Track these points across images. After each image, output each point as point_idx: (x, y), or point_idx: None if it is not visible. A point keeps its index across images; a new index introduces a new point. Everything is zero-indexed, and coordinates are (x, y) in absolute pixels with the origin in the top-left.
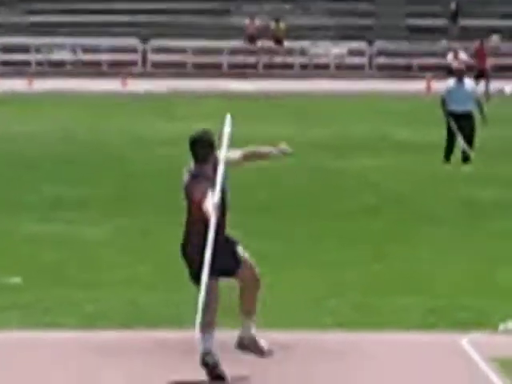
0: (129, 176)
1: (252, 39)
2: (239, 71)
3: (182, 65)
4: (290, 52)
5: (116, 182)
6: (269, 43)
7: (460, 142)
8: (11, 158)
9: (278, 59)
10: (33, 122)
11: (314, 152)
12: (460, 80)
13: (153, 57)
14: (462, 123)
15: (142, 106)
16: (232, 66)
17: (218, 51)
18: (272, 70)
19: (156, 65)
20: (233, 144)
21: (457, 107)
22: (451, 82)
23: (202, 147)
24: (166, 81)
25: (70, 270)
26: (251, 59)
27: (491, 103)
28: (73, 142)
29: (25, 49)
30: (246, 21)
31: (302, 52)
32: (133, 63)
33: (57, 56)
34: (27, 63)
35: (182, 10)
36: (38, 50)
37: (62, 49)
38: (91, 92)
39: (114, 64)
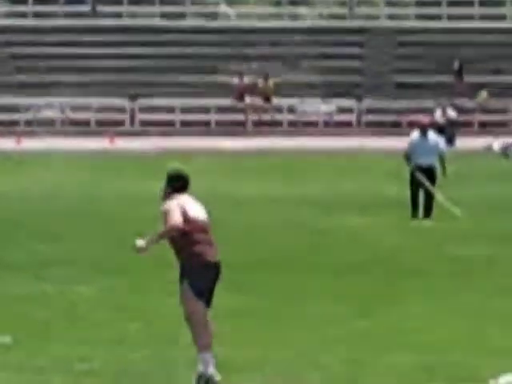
0: (117, 233)
1: (241, 97)
2: (228, 129)
3: (170, 123)
4: (278, 109)
5: (104, 240)
6: (257, 100)
7: (437, 196)
8: (0, 217)
9: (267, 117)
10: (21, 181)
11: (302, 209)
12: (424, 134)
13: (141, 115)
14: (425, 177)
15: (130, 164)
16: (220, 124)
17: (205, 109)
18: (261, 128)
19: (144, 123)
20: (221, 202)
21: (422, 161)
22: (415, 135)
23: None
24: (155, 139)
25: (60, 329)
26: (240, 117)
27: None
28: (61, 200)
29: (13, 108)
30: (235, 79)
31: (291, 109)
32: (121, 122)
33: (45, 115)
34: (15, 122)
35: (170, 68)
36: (26, 109)
37: (51, 108)
38: (80, 151)
39: (102, 123)
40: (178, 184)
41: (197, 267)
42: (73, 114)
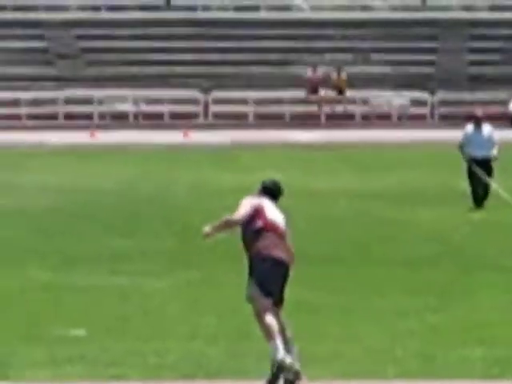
0: (191, 227)
1: (314, 89)
2: (301, 121)
3: (243, 116)
4: (351, 102)
5: (178, 234)
6: (331, 93)
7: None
8: (73, 211)
9: (340, 109)
10: (95, 175)
11: (375, 202)
12: (478, 126)
13: (214, 108)
14: (481, 169)
15: (204, 157)
16: (294, 117)
17: (279, 101)
18: (334, 120)
19: (218, 116)
20: (295, 194)
21: (477, 153)
22: (469, 127)
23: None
24: (228, 132)
25: (133, 323)
26: (313, 109)
27: None
28: (135, 194)
29: (87, 101)
30: (308, 71)
31: (364, 102)
32: (195, 115)
33: (119, 108)
34: (90, 116)
35: (243, 60)
36: (100, 102)
37: (125, 101)
38: (153, 144)
39: (175, 116)
40: (269, 192)
41: (264, 264)
42: (146, 107)
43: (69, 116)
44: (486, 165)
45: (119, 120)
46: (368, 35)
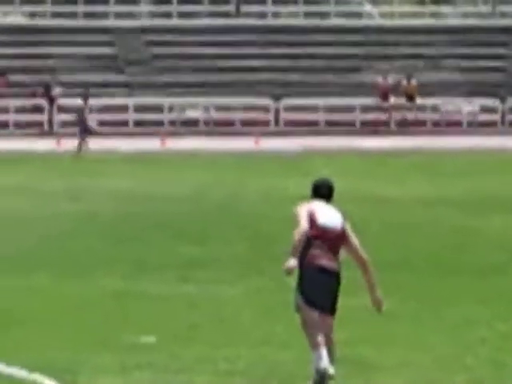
0: (263, 234)
1: (384, 96)
2: (371, 128)
3: (314, 123)
4: (422, 109)
5: (250, 241)
6: (401, 100)
7: None
8: (144, 218)
9: (411, 116)
10: (165, 181)
11: (445, 209)
12: None
13: (285, 115)
14: None
15: (274, 164)
16: (364, 124)
17: (350, 109)
18: (404, 127)
19: (288, 123)
20: (365, 201)
21: None
22: None
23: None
24: (299, 139)
25: (203, 330)
26: (383, 116)
27: None
28: (206, 200)
29: (158, 108)
30: (379, 78)
31: (434, 109)
32: (265, 122)
33: (189, 115)
34: (160, 123)
35: (314, 67)
36: (170, 109)
37: (195, 108)
38: (224, 151)
39: (246, 123)
40: (319, 191)
41: (308, 273)
42: (217, 114)
43: (139, 123)
44: None
45: (190, 127)
46: (438, 42)
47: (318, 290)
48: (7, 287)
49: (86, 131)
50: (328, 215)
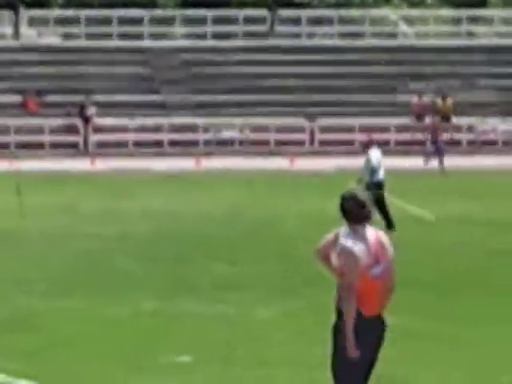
0: (297, 255)
1: (419, 116)
2: (406, 148)
3: (349, 142)
4: (457, 128)
5: (285, 262)
6: (436, 120)
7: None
8: (179, 237)
9: (446, 136)
10: (200, 201)
11: (481, 229)
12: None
13: (320, 135)
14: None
15: (310, 184)
16: (399, 143)
17: (384, 128)
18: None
19: (323, 143)
20: (403, 221)
21: (382, 176)
22: (378, 152)
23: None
24: (334, 159)
25: (239, 350)
26: (419, 136)
27: None
28: (241, 220)
29: (193, 128)
30: (414, 98)
31: (470, 128)
32: (300, 142)
33: (224, 135)
34: (195, 143)
35: (348, 87)
36: (205, 129)
37: (230, 128)
38: (259, 171)
39: (281, 143)
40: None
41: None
42: (252, 134)
43: (174, 143)
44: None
45: (225, 147)
46: (473, 61)
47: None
48: (45, 309)
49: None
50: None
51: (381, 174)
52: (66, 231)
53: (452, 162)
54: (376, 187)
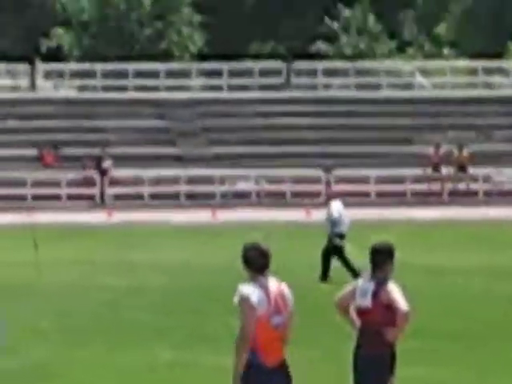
0: (313, 306)
1: (436, 167)
2: (423, 199)
3: (365, 194)
4: (474, 179)
5: (301, 312)
6: (452, 170)
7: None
8: (196, 290)
9: (463, 186)
10: (216, 253)
11: (499, 280)
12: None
13: (336, 187)
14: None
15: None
16: (415, 194)
17: (401, 179)
18: (456, 198)
19: (340, 194)
20: (418, 272)
21: (344, 228)
22: (339, 204)
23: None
24: (350, 210)
25: None
26: (435, 186)
27: None
28: None
29: (208, 180)
30: (431, 149)
31: (486, 179)
32: (316, 193)
33: (240, 187)
34: (212, 195)
35: (365, 138)
36: (222, 181)
37: (246, 180)
38: (275, 222)
39: (297, 194)
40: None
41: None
42: (268, 185)
43: (190, 195)
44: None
45: (241, 199)
46: (490, 112)
47: None
48: (63, 359)
49: None
50: (361, 297)
51: (343, 226)
52: (82, 283)
53: (469, 212)
54: (337, 239)
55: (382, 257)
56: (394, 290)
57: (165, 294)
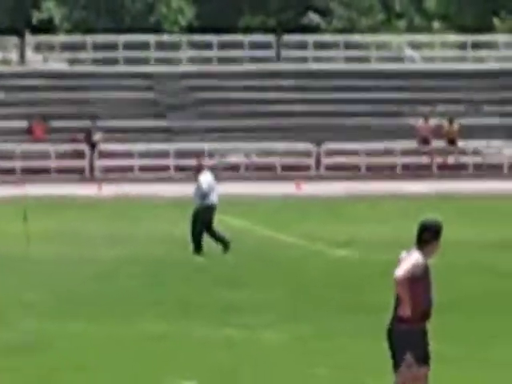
0: (302, 280)
1: (425, 140)
2: (413, 172)
3: (355, 167)
4: (463, 152)
5: (289, 286)
6: (442, 144)
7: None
8: (184, 262)
9: (452, 160)
10: None
11: (488, 252)
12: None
13: (326, 160)
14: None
15: (316, 209)
16: (405, 167)
17: (391, 152)
18: (446, 171)
19: (330, 168)
20: (407, 244)
21: (214, 199)
22: (209, 176)
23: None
24: (340, 184)
25: (244, 374)
26: (425, 160)
27: None
28: (246, 245)
29: (198, 154)
30: (419, 122)
31: (476, 152)
32: (306, 167)
33: (230, 160)
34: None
35: (354, 112)
36: (211, 154)
37: (236, 153)
38: (265, 196)
39: (287, 168)
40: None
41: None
42: (258, 159)
43: (179, 168)
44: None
45: (230, 172)
46: (480, 86)
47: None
48: (53, 331)
49: None
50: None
51: (213, 197)
52: (71, 255)
53: (458, 185)
54: (207, 211)
55: (428, 234)
56: (407, 259)
57: (154, 266)
